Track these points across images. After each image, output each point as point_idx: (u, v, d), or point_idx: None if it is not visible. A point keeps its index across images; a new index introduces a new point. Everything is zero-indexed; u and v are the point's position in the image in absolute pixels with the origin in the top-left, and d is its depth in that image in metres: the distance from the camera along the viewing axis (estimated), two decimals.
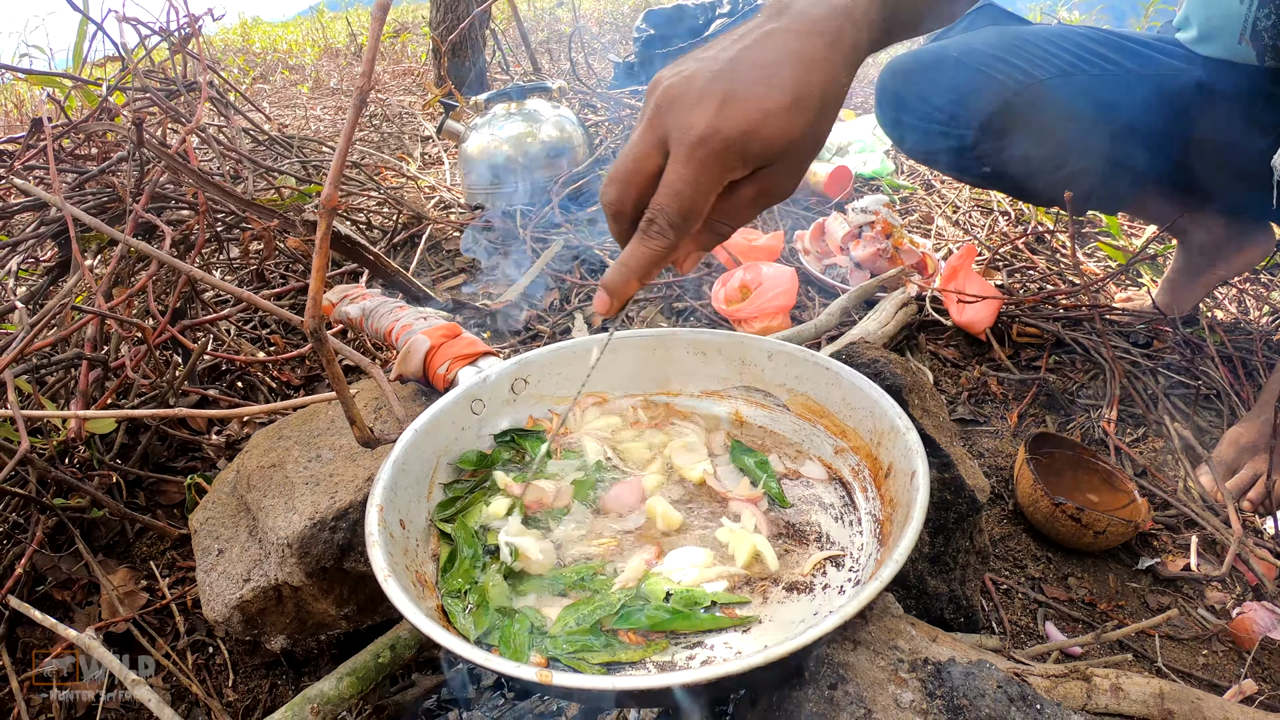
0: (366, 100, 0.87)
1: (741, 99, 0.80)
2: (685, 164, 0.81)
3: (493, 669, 0.75)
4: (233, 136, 2.73)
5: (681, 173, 0.81)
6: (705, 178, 0.81)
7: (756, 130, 0.80)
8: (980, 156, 1.99)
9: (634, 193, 0.86)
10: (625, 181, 0.86)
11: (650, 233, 0.85)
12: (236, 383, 2.01)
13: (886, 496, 1.01)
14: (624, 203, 0.87)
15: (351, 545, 1.17)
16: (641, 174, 0.85)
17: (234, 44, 8.16)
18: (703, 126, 0.79)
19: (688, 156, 0.80)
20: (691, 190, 0.82)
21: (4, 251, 1.92)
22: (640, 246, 0.86)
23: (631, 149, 0.85)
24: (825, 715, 0.80)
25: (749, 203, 0.88)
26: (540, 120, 2.96)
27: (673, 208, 0.83)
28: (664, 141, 0.83)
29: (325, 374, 2.02)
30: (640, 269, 0.88)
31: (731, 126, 0.79)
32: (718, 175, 0.82)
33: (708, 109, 0.80)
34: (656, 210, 0.84)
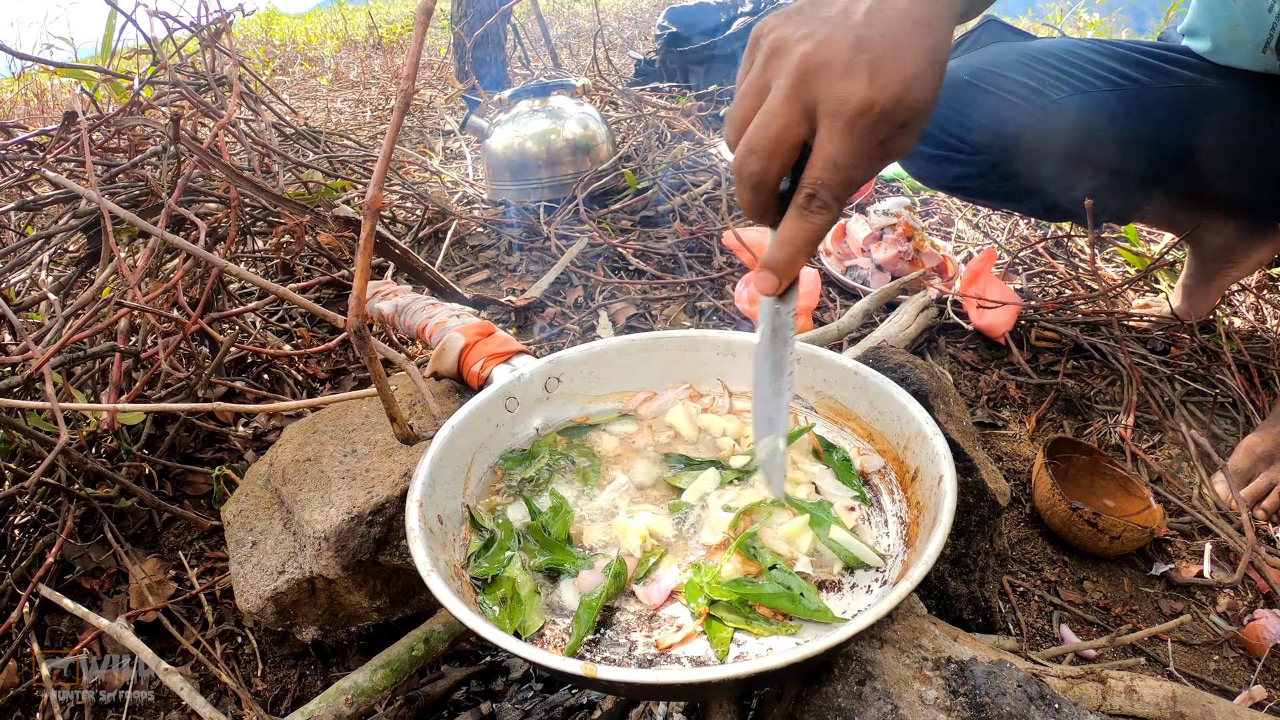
0: (409, 103, 0.88)
1: (888, 68, 0.80)
2: (845, 135, 0.80)
3: (537, 662, 0.77)
4: (261, 131, 2.75)
5: (841, 145, 0.81)
6: (864, 148, 0.81)
7: (904, 97, 0.80)
8: (996, 181, 1.98)
9: (779, 163, 0.85)
10: (770, 153, 0.84)
11: (813, 208, 0.84)
12: (263, 375, 2.03)
13: (913, 499, 1.03)
14: (768, 174, 0.86)
15: (387, 539, 1.19)
16: (787, 143, 0.84)
17: (254, 36, 8.17)
18: (860, 98, 0.79)
19: (847, 128, 0.80)
20: (852, 162, 0.82)
21: (37, 244, 1.94)
22: (803, 221, 0.86)
23: (774, 117, 0.83)
24: (854, 710, 0.83)
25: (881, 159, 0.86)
26: (564, 117, 2.96)
27: (836, 181, 0.82)
28: (810, 112, 0.82)
29: (353, 369, 2.04)
30: (806, 245, 0.87)
31: (885, 96, 0.79)
32: (874, 143, 0.82)
33: (860, 80, 0.79)
34: (818, 185, 0.83)
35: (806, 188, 0.84)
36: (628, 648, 0.90)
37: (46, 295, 1.77)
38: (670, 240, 2.72)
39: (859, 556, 0.99)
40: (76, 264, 1.97)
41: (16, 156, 2.03)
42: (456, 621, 1.12)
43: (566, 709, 1.26)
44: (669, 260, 2.63)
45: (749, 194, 0.88)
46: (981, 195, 2.14)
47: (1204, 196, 2.01)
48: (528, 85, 3.03)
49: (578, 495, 1.14)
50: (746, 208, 0.90)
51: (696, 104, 4.03)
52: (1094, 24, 5.94)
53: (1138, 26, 5.95)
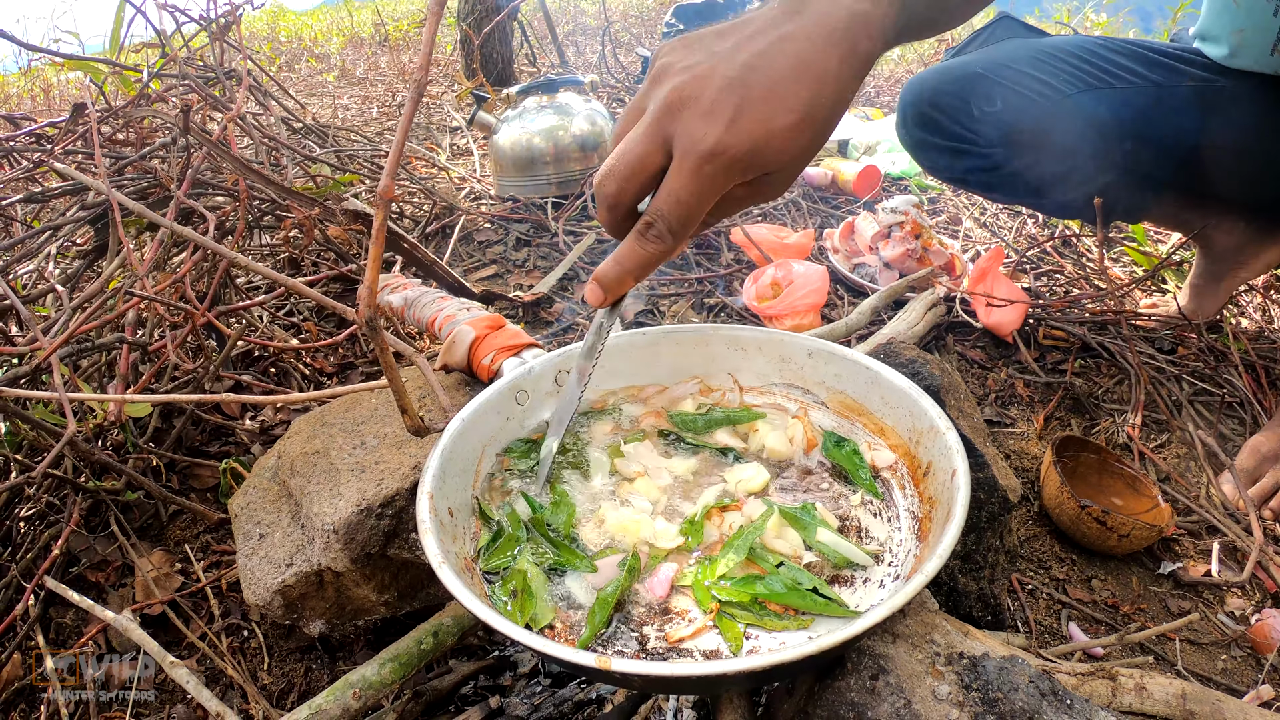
0: (423, 94, 0.88)
1: (753, 114, 0.80)
2: (692, 175, 0.81)
3: (551, 655, 0.77)
4: (269, 125, 2.75)
5: (686, 183, 0.81)
6: (708, 189, 0.82)
7: (762, 147, 0.80)
8: (1008, 175, 1.98)
9: (633, 188, 0.86)
10: (625, 177, 0.85)
11: (650, 236, 0.86)
12: (270, 369, 2.03)
13: (925, 494, 1.03)
14: (622, 197, 0.87)
15: (396, 532, 1.19)
16: (643, 172, 0.85)
17: (260, 32, 8.17)
18: (713, 141, 0.79)
19: (695, 169, 0.81)
20: (694, 200, 0.82)
21: (45, 235, 1.94)
22: (638, 248, 0.87)
23: (634, 145, 0.84)
24: (867, 705, 0.82)
25: (738, 202, 0.89)
26: (572, 113, 2.96)
27: (675, 215, 0.83)
28: (668, 143, 0.82)
29: (360, 363, 2.04)
30: (636, 269, 0.89)
31: (741, 143, 0.80)
32: (720, 187, 0.83)
33: (718, 123, 0.79)
34: (657, 215, 0.84)
35: (647, 216, 0.85)
36: (639, 641, 0.90)
37: (54, 287, 1.77)
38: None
39: (848, 557, 0.98)
40: (83, 257, 1.97)
41: (24, 148, 2.03)
42: (468, 614, 1.13)
43: (575, 704, 1.26)
44: (678, 257, 2.63)
45: (605, 213, 0.90)
46: (992, 189, 2.14)
47: (1214, 197, 2.01)
48: (535, 81, 3.03)
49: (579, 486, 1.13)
50: (603, 224, 0.92)
51: None
52: (1101, 24, 5.94)
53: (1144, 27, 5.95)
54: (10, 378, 1.44)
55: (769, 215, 3.01)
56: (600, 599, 0.94)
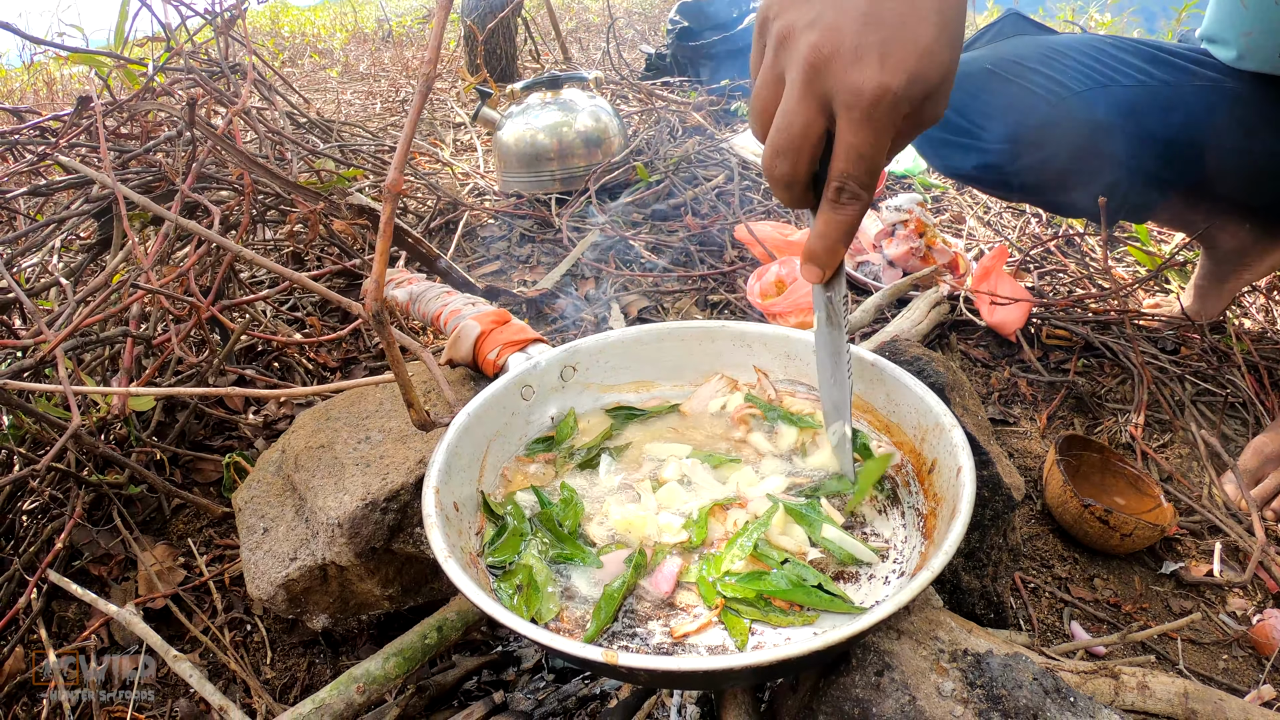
0: (431, 87, 0.88)
1: (898, 45, 0.78)
2: (864, 125, 0.79)
3: (557, 649, 0.77)
4: (274, 119, 2.75)
5: (863, 135, 0.80)
6: (884, 134, 0.80)
7: (918, 73, 0.79)
8: (1015, 171, 1.96)
9: (805, 160, 0.85)
10: (796, 151, 0.84)
11: (843, 200, 0.84)
12: (273, 363, 2.03)
13: (930, 491, 1.03)
14: (797, 173, 0.86)
15: (401, 526, 1.19)
16: (810, 140, 0.83)
17: (263, 28, 8.17)
18: (875, 84, 0.77)
19: (865, 118, 0.79)
20: (875, 150, 0.81)
21: (48, 229, 1.94)
22: (837, 214, 0.86)
23: (793, 116, 0.82)
24: (871, 701, 0.83)
25: (906, 133, 0.86)
26: (576, 110, 2.96)
27: (862, 171, 0.82)
28: (827, 104, 0.81)
29: (363, 358, 2.04)
30: (842, 235, 0.88)
31: (899, 78, 0.78)
32: (894, 127, 0.81)
33: (871, 66, 0.78)
34: (845, 177, 0.83)
35: (835, 180, 0.83)
36: (644, 637, 0.90)
37: (58, 280, 1.77)
38: (682, 234, 2.72)
39: (853, 553, 0.98)
40: (87, 250, 1.97)
41: (29, 141, 2.03)
42: (473, 608, 1.13)
43: (580, 699, 1.26)
44: (680, 254, 2.63)
45: (784, 192, 0.88)
46: (998, 186, 2.13)
47: (1220, 198, 2.01)
48: (539, 77, 3.03)
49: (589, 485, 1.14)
50: (785, 202, 0.90)
51: (708, 98, 4.03)
52: (1105, 24, 5.93)
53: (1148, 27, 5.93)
54: (14, 370, 1.44)
55: (772, 212, 3.01)
56: (606, 594, 0.94)
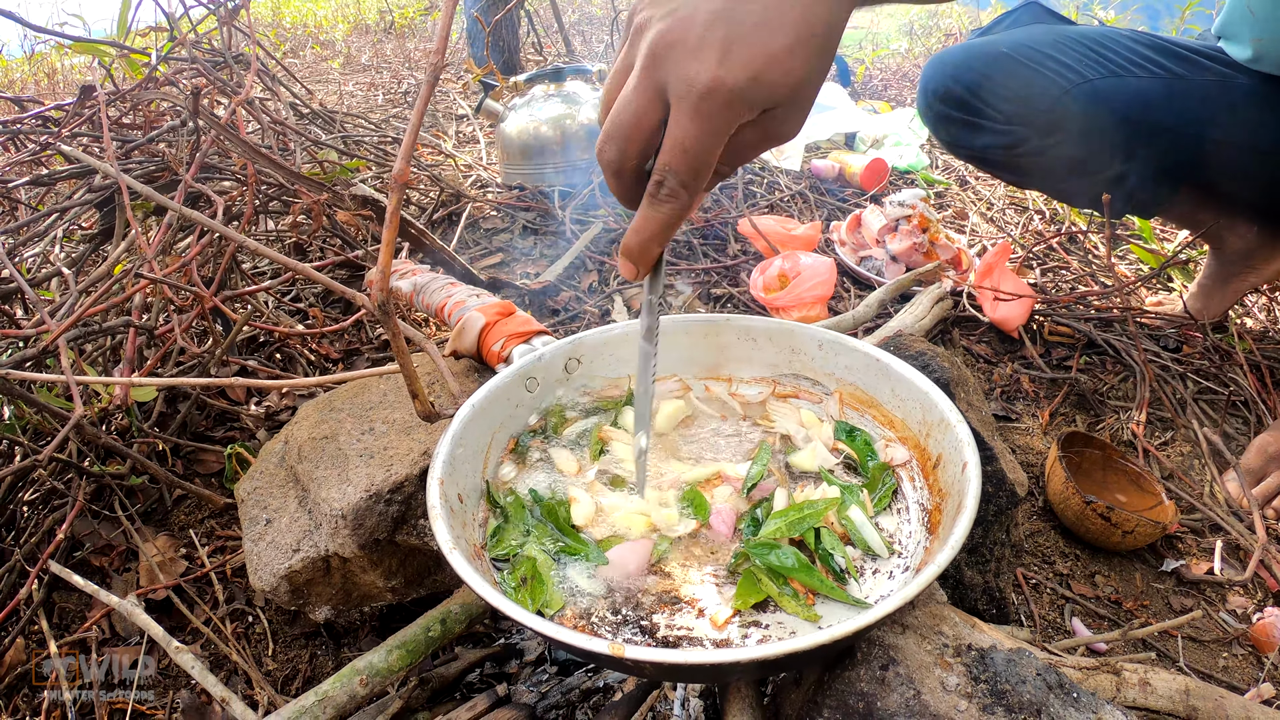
0: (439, 76, 0.88)
1: (745, 44, 0.74)
2: (692, 119, 0.76)
3: (563, 641, 0.77)
4: (277, 110, 2.75)
5: (688, 128, 0.76)
6: (713, 131, 0.77)
7: (762, 76, 0.75)
8: (1026, 155, 1.98)
9: (635, 149, 0.81)
10: (625, 138, 0.81)
11: (661, 195, 0.81)
12: (275, 355, 2.03)
13: (935, 486, 1.03)
14: (625, 159, 0.82)
15: (405, 518, 1.19)
16: (642, 128, 0.80)
17: (264, 19, 8.16)
18: (707, 78, 0.74)
19: (694, 110, 0.76)
20: (700, 146, 0.77)
21: (51, 218, 1.93)
22: (654, 210, 0.82)
23: (627, 103, 0.80)
24: (876, 695, 0.83)
25: (751, 145, 0.83)
26: (579, 102, 2.95)
27: (683, 166, 0.78)
28: (663, 92, 0.77)
29: (366, 349, 2.04)
30: (658, 232, 0.84)
31: (737, 75, 0.74)
32: (725, 126, 0.77)
33: (710, 58, 0.74)
34: (666, 170, 0.79)
35: (656, 174, 0.81)
36: (650, 629, 0.90)
37: (60, 270, 1.76)
38: (685, 227, 2.71)
39: (869, 543, 0.99)
40: (89, 241, 1.97)
41: (31, 130, 2.03)
42: (477, 600, 1.13)
43: (583, 692, 1.26)
44: (684, 247, 2.63)
45: (611, 179, 0.85)
46: (1007, 169, 2.13)
47: (1228, 196, 2.01)
48: (543, 70, 3.02)
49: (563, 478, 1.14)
50: (614, 194, 0.88)
51: None
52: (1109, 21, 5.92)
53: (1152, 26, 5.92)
54: (16, 360, 1.44)
55: (776, 207, 3.01)
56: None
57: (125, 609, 1.27)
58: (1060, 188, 2.18)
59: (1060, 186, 2.15)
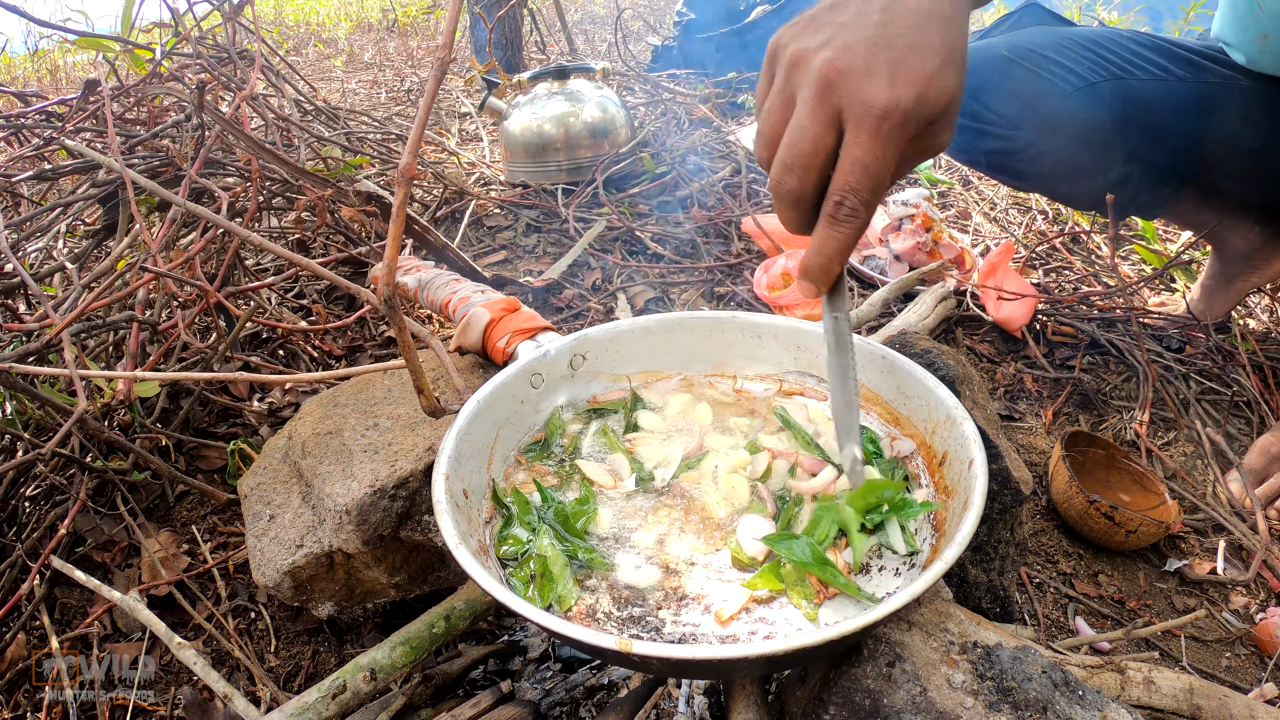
0: (446, 71, 0.88)
1: (908, 67, 0.80)
2: (873, 139, 0.80)
3: (569, 636, 0.77)
4: (281, 106, 2.75)
5: (870, 148, 0.81)
6: (892, 150, 0.81)
7: (927, 94, 0.81)
8: (1028, 158, 1.97)
9: (814, 175, 0.85)
10: (806, 166, 0.84)
11: (841, 215, 0.84)
12: (278, 351, 2.03)
13: (941, 484, 1.03)
14: (805, 187, 0.85)
15: (409, 514, 1.19)
16: (820, 154, 0.83)
17: (266, 17, 8.15)
18: (885, 100, 0.79)
19: (874, 131, 0.80)
20: (880, 164, 0.82)
21: (54, 213, 1.93)
22: (835, 229, 0.85)
23: (804, 131, 0.83)
24: (882, 692, 0.82)
25: (911, 159, 0.89)
26: (583, 100, 2.95)
27: (865, 185, 0.82)
28: (837, 118, 0.82)
29: (369, 346, 2.04)
30: (839, 250, 0.87)
31: (908, 96, 0.80)
32: (900, 144, 0.82)
33: (881, 83, 0.79)
34: (847, 191, 0.83)
35: (835, 194, 0.84)
36: (656, 626, 0.90)
37: (64, 265, 1.76)
38: (689, 225, 2.72)
39: (890, 540, 0.99)
40: (92, 236, 1.97)
41: (34, 125, 2.02)
42: (482, 596, 1.13)
43: (587, 689, 1.26)
44: (687, 245, 2.63)
45: (790, 211, 0.88)
46: (1009, 173, 2.13)
47: (1231, 197, 2.01)
48: (546, 67, 3.02)
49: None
50: (788, 224, 0.90)
51: (714, 91, 4.02)
52: (1112, 22, 5.92)
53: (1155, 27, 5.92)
54: (19, 354, 1.44)
55: None
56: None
57: (127, 605, 1.27)
58: (1062, 190, 2.18)
59: (1062, 189, 2.16)
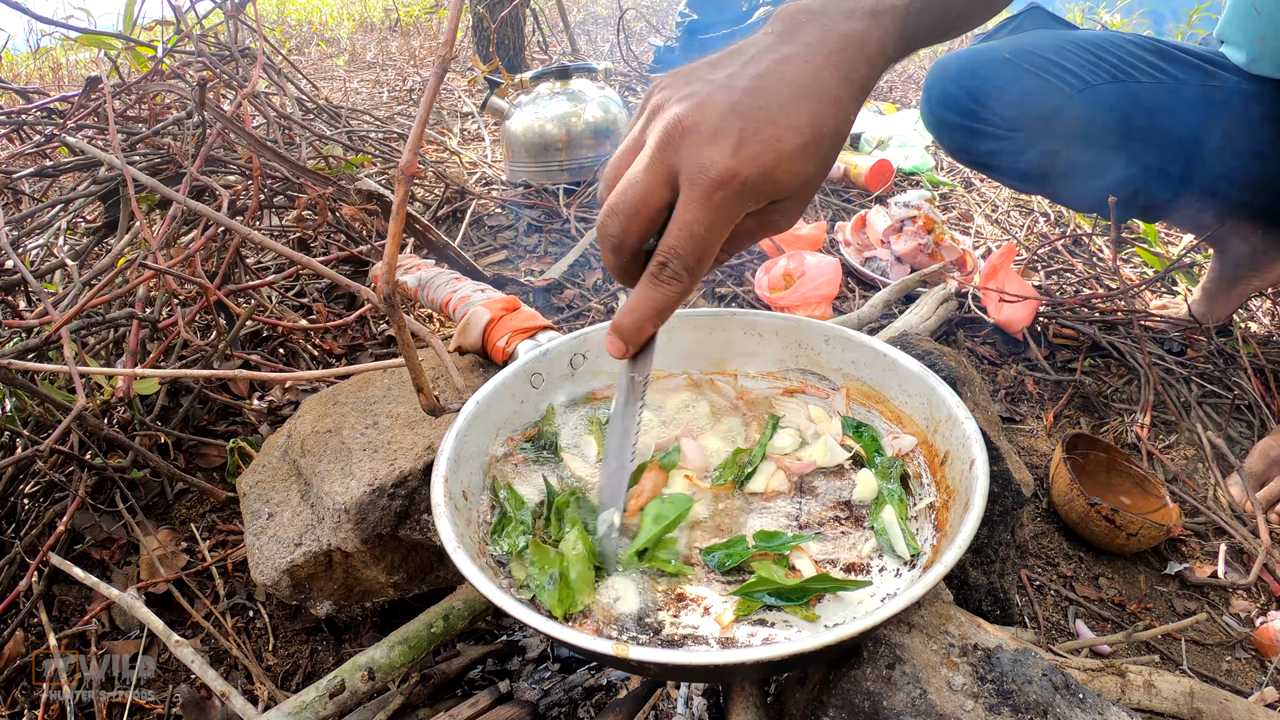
0: (448, 68, 0.87)
1: (759, 139, 0.77)
2: (703, 206, 0.77)
3: (566, 641, 0.76)
4: (282, 104, 2.74)
5: (698, 215, 0.78)
6: (721, 219, 0.78)
7: (772, 172, 0.77)
8: (1029, 161, 1.98)
9: (639, 226, 0.82)
10: (630, 215, 0.81)
11: (663, 277, 0.82)
12: (278, 349, 2.02)
13: (942, 484, 1.02)
14: (628, 237, 0.83)
15: (408, 513, 1.18)
16: (648, 207, 0.80)
17: (269, 15, 8.15)
18: (721, 168, 0.76)
19: (704, 198, 0.77)
20: (708, 231, 0.78)
21: (54, 210, 1.93)
22: (654, 290, 0.83)
23: (637, 181, 0.80)
24: (882, 694, 0.82)
25: (749, 235, 0.86)
26: (585, 100, 2.95)
27: (690, 251, 0.80)
28: (673, 176, 0.79)
29: (369, 345, 2.04)
30: (655, 313, 0.85)
31: (750, 168, 0.76)
32: (733, 215, 0.79)
33: (724, 149, 0.76)
34: (670, 253, 0.80)
35: (660, 255, 0.81)
36: (655, 629, 0.89)
37: (64, 262, 1.76)
38: None
39: (892, 542, 0.98)
40: (93, 233, 1.97)
41: (35, 122, 2.02)
42: (480, 597, 1.12)
43: (586, 689, 1.25)
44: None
45: (610, 255, 0.86)
46: (1010, 175, 2.14)
47: (1232, 200, 2.01)
48: (549, 67, 3.02)
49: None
50: (611, 270, 0.88)
51: None
52: (1114, 25, 5.92)
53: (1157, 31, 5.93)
54: (18, 350, 1.43)
55: None
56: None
57: (125, 602, 1.27)
58: (1063, 193, 2.18)
59: (1063, 192, 2.16)
